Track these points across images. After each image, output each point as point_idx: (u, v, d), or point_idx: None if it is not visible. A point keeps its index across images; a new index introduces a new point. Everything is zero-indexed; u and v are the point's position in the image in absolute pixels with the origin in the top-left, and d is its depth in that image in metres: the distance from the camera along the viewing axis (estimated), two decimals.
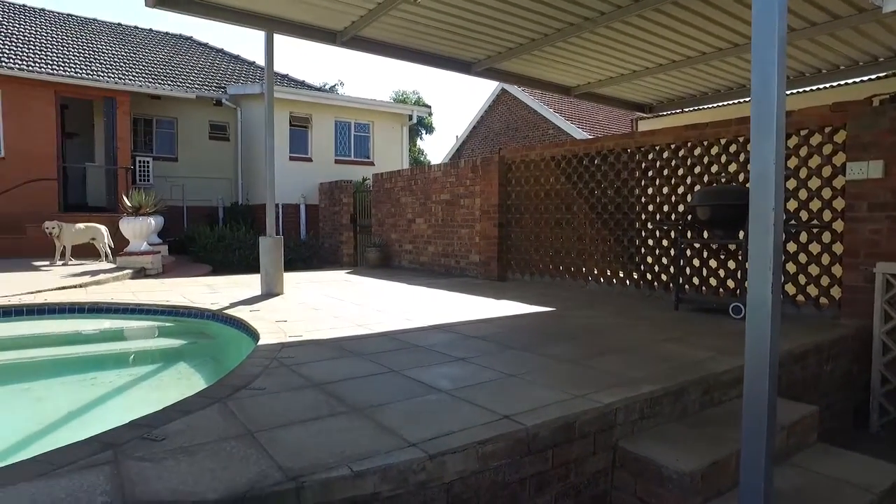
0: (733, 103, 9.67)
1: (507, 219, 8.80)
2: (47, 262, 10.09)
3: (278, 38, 6.81)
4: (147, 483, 1.88)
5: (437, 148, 43.83)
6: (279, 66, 28.03)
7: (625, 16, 6.27)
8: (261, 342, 4.22)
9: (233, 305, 5.87)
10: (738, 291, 5.75)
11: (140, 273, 9.29)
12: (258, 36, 6.75)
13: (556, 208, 8.09)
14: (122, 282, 8.41)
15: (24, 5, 17.36)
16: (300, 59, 64.41)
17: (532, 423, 2.52)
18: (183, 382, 4.19)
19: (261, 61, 19.03)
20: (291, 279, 8.06)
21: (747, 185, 4.27)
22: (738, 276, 5.81)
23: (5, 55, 13.17)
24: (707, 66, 8.00)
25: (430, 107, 30.70)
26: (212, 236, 12.64)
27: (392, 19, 6.42)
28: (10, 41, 14.22)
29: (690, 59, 7.72)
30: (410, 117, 17.97)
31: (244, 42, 69.85)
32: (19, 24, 15.83)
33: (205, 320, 5.63)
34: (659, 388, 3.10)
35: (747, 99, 9.40)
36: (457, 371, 3.47)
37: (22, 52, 13.74)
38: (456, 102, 63.68)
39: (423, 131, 33.72)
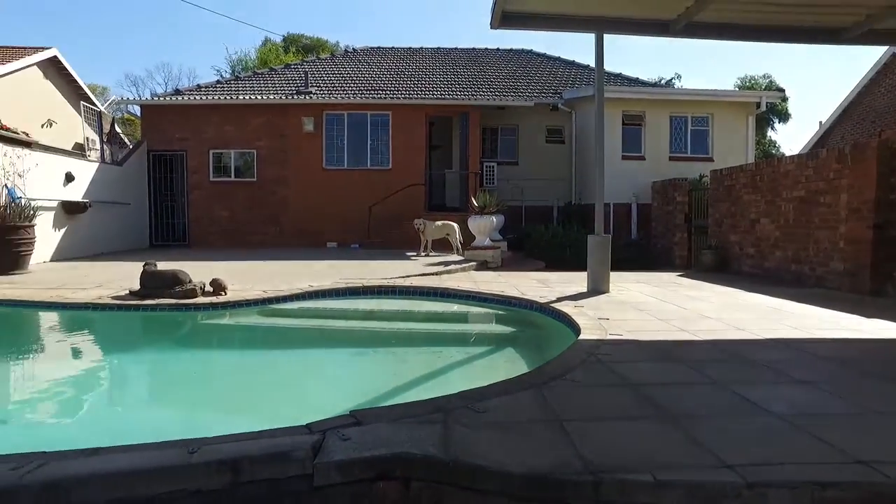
0: None
1: (889, 219, 7.04)
2: (415, 253, 12.24)
3: (611, 39, 6.83)
4: (466, 446, 2.15)
5: (793, 138, 37.32)
6: (613, 67, 27.94)
7: None
8: (581, 337, 4.34)
9: (559, 300, 6.16)
10: None
11: (482, 265, 10.48)
12: (592, 39, 6.89)
13: None
14: (468, 272, 9.63)
15: (409, 47, 21.41)
16: (634, 57, 63.21)
17: None
18: (509, 366, 4.59)
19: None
20: (618, 278, 8.02)
21: None
22: None
23: (395, 88, 16.51)
24: None
25: (783, 91, 26.27)
26: (546, 234, 13.44)
27: None
28: (398, 76, 17.77)
29: None
30: (758, 105, 15.87)
31: (579, 46, 71.95)
32: (402, 62, 19.60)
33: (533, 312, 6.05)
34: None
35: None
36: (796, 395, 2.96)
37: (404, 84, 17.02)
38: (821, 83, 53.28)
39: (776, 120, 29.28)
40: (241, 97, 15.51)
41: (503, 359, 5.01)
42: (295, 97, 15.44)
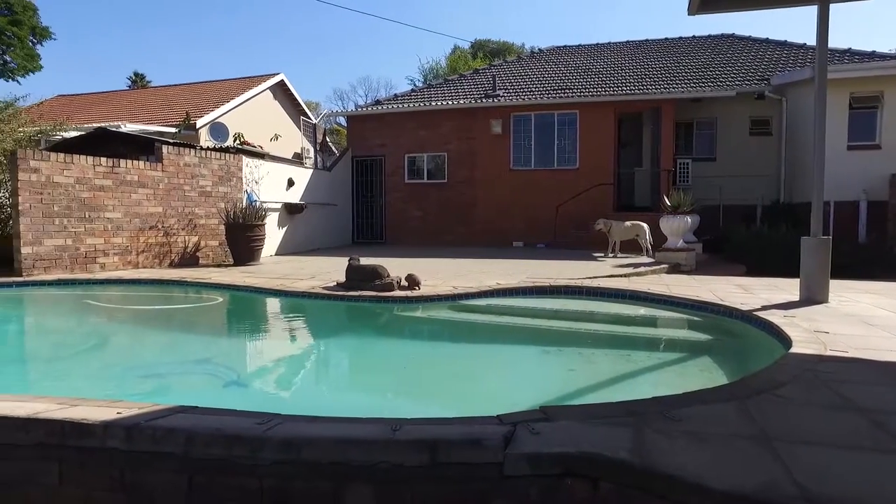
0: None
1: None
2: (602, 254, 11.91)
3: (838, 9, 5.94)
4: (659, 453, 2.05)
5: None
6: (838, 41, 24.28)
7: None
8: (792, 350, 3.88)
9: (764, 308, 5.55)
10: None
11: (674, 268, 9.84)
12: (810, 13, 6.06)
13: None
14: (658, 275, 9.11)
15: (596, 43, 20.85)
16: (873, 25, 53.93)
17: None
18: (704, 375, 4.26)
19: (813, 41, 17.00)
20: (840, 287, 6.97)
21: None
22: None
23: (581, 86, 16.22)
24: None
25: None
26: (748, 236, 12.16)
27: None
28: (585, 74, 17.41)
29: None
30: None
31: (792, 24, 62.86)
32: (589, 59, 19.14)
33: (732, 319, 5.54)
34: None
35: None
36: None
37: (592, 81, 16.62)
38: None
39: None
40: (432, 103, 16.47)
41: (697, 367, 4.66)
42: (483, 101, 15.96)
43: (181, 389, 4.20)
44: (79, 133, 12.51)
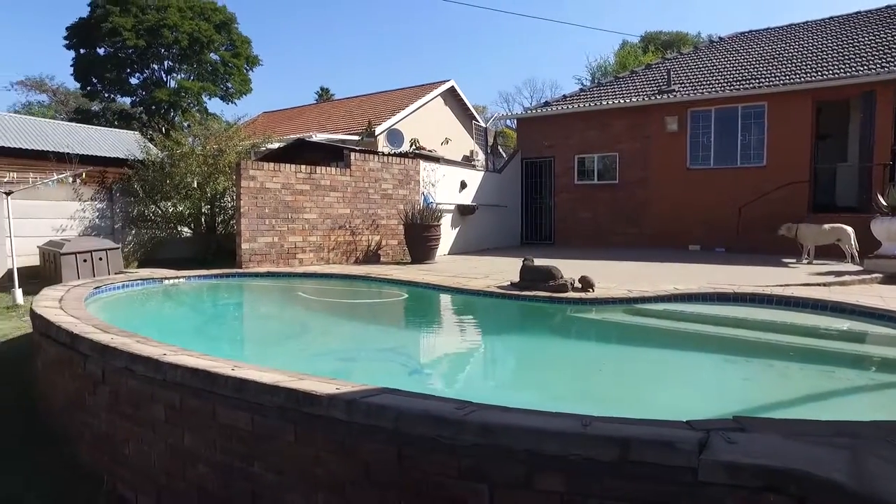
0: None
1: None
2: (794, 260, 10.73)
3: None
4: (886, 482, 1.88)
5: None
6: None
7: None
8: None
9: None
10: None
11: (891, 278, 8.55)
12: None
13: None
14: (870, 285, 8.01)
15: (789, 24, 18.68)
16: None
17: None
18: None
19: None
20: None
21: None
22: None
23: (770, 74, 14.68)
24: None
25: None
26: None
27: None
28: (775, 60, 15.65)
29: None
30: None
31: None
32: (779, 43, 17.18)
33: None
34: None
35: None
36: None
37: (783, 68, 14.91)
38: None
39: None
40: (602, 102, 16.10)
41: None
42: (656, 97, 15.23)
43: (373, 373, 4.68)
44: (280, 144, 14.29)
